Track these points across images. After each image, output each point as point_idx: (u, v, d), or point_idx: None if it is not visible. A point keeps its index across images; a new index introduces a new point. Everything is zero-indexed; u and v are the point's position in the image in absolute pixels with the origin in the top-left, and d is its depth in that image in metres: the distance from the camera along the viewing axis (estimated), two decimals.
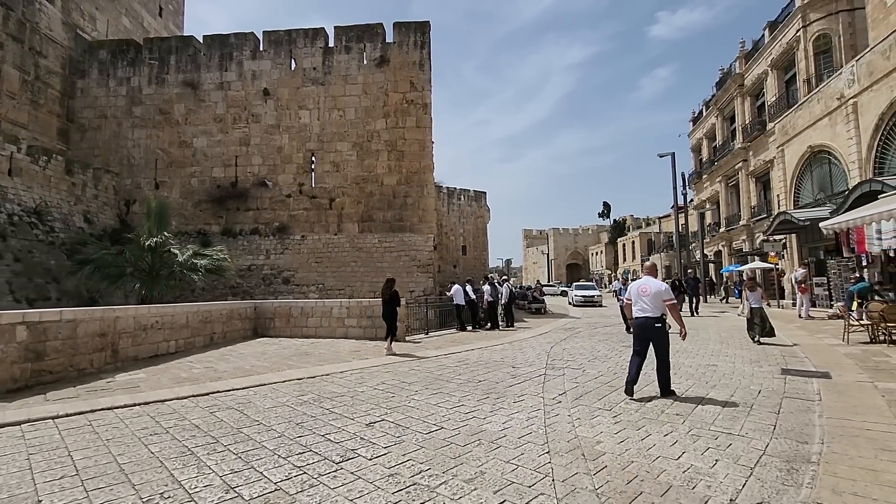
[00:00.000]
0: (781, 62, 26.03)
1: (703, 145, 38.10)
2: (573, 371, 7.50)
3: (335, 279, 20.50)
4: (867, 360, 7.87)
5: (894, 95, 12.54)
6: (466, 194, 69.24)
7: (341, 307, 11.69)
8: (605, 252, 71.47)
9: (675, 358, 8.36)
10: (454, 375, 7.13)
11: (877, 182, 11.59)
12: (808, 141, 17.01)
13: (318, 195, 21.60)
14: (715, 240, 35.71)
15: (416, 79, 21.87)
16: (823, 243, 16.42)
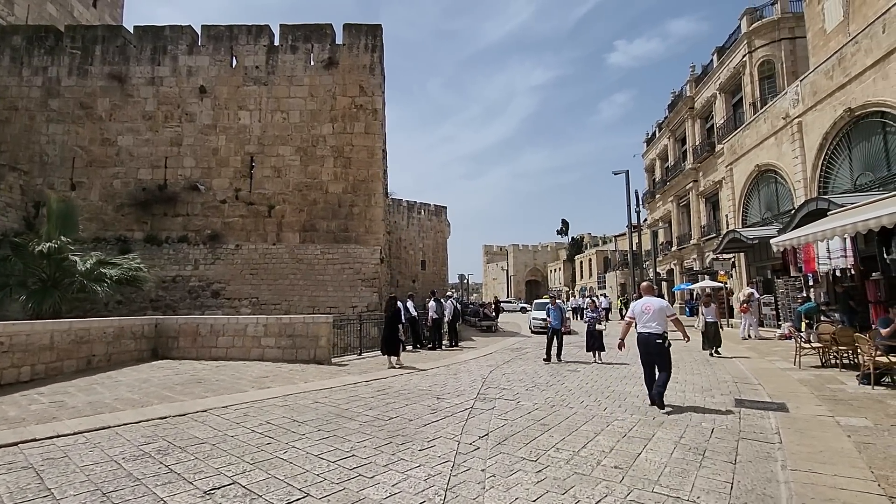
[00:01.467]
0: (729, 86, 26.72)
1: (656, 166, 38.87)
2: (506, 403, 6.46)
3: (271, 293, 18.86)
4: (822, 387, 7.25)
5: (837, 115, 12.53)
6: (426, 208, 68.47)
7: (257, 325, 10.26)
8: (563, 269, 72.10)
9: (623, 385, 7.50)
10: (363, 410, 5.94)
11: (823, 200, 11.37)
12: (756, 160, 17.07)
13: (256, 202, 20.01)
14: (667, 258, 36.19)
15: (366, 83, 20.84)
16: (771, 262, 16.35)
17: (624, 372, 9.14)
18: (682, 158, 33.10)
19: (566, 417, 5.66)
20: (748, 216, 18.45)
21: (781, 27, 23.39)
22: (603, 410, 6.04)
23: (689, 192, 31.03)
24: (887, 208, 6.76)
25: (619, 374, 8.82)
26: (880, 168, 11.52)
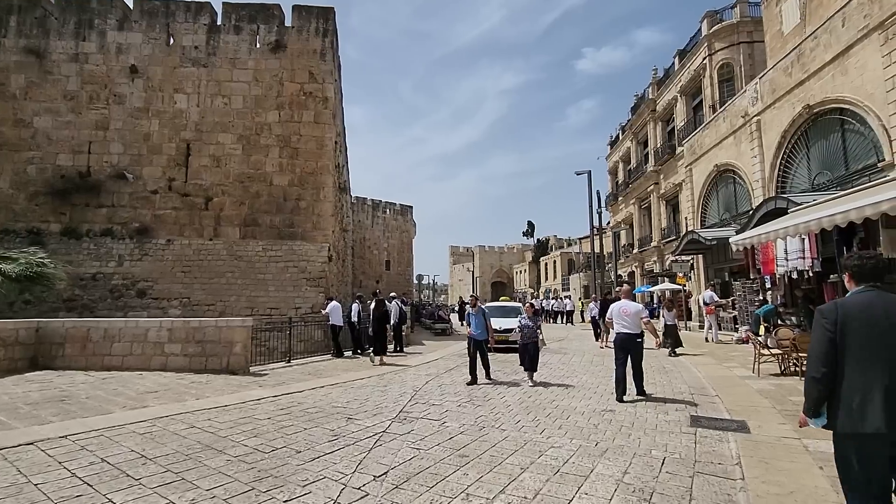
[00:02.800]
0: (689, 89, 26.74)
1: (619, 168, 38.95)
2: (428, 424, 5.42)
3: (205, 292, 17.25)
4: (784, 400, 6.55)
5: (796, 112, 12.18)
6: (392, 208, 67.12)
7: (160, 329, 8.86)
8: (528, 271, 72.10)
9: (569, 401, 6.59)
10: (245, 438, 4.77)
11: (782, 199, 10.91)
12: (715, 160, 16.76)
13: (191, 193, 18.32)
14: (629, 261, 36.21)
15: (316, 69, 19.48)
16: (729, 264, 16.03)
17: (573, 381, 8.27)
18: (644, 161, 33.13)
19: (493, 444, 4.66)
20: (707, 217, 18.16)
21: (740, 31, 23.48)
22: (539, 434, 5.08)
23: (651, 195, 31.02)
24: (851, 203, 6.11)
25: (566, 389, 7.92)
26: (838, 167, 11.18)
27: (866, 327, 2.34)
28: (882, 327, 2.31)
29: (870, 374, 2.27)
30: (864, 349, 2.32)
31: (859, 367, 2.31)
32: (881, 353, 2.28)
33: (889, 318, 2.31)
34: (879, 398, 2.21)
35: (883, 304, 2.36)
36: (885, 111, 9.44)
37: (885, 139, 9.52)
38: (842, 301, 2.51)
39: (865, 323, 2.35)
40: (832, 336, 2.39)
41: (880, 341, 2.29)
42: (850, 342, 2.35)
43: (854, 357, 2.33)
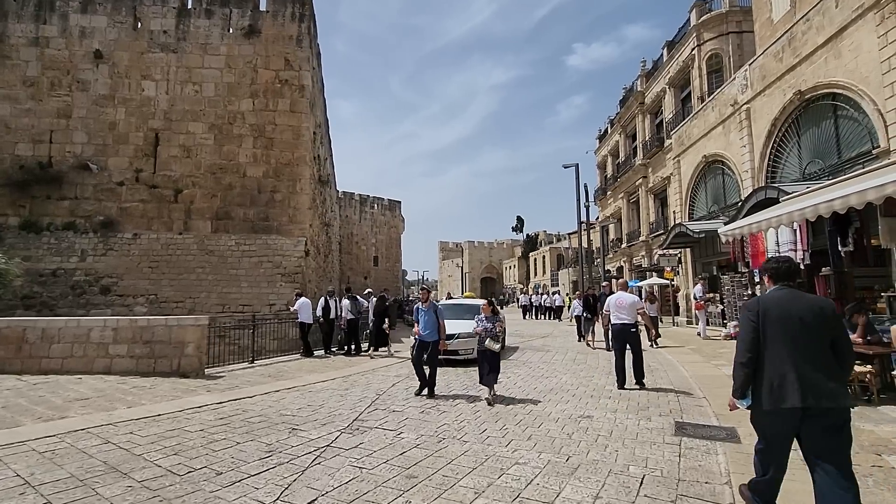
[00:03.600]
0: (678, 80, 26.25)
1: (608, 162, 38.50)
2: (381, 436, 4.80)
3: (173, 289, 16.43)
4: None
5: (787, 99, 11.69)
6: (380, 203, 66.35)
7: (105, 329, 8.12)
8: (517, 266, 71.74)
9: (543, 406, 6.00)
10: (161, 457, 4.12)
11: (773, 188, 10.42)
12: (703, 150, 16.29)
13: (160, 185, 17.47)
14: (617, 255, 35.85)
15: (292, 56, 18.67)
16: (717, 258, 15.59)
17: (550, 385, 7.70)
18: (632, 154, 32.68)
19: (449, 461, 4.06)
20: (695, 210, 17.71)
21: (729, 20, 22.98)
22: (505, 446, 4.48)
23: (639, 189, 30.60)
24: (850, 188, 5.58)
25: (546, 389, 7.35)
26: (830, 155, 10.70)
27: (780, 318, 2.74)
28: (791, 319, 2.73)
29: (781, 360, 2.67)
30: (778, 337, 2.72)
31: (776, 353, 2.70)
32: (789, 341, 2.69)
33: (795, 311, 2.74)
34: (793, 378, 2.61)
35: (791, 300, 2.82)
36: (880, 95, 8.96)
37: (880, 124, 9.05)
38: (761, 297, 3.00)
39: (779, 315, 2.75)
40: (756, 326, 2.79)
41: (789, 331, 2.71)
42: (768, 331, 2.75)
43: (771, 344, 2.73)
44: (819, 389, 2.59)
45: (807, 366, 2.63)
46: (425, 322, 6.95)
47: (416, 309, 7.17)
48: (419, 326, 6.96)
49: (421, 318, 7.00)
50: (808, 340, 2.69)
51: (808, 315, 2.72)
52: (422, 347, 6.88)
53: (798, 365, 2.64)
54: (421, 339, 6.92)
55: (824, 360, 2.67)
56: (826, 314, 2.75)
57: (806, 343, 2.68)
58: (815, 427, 2.62)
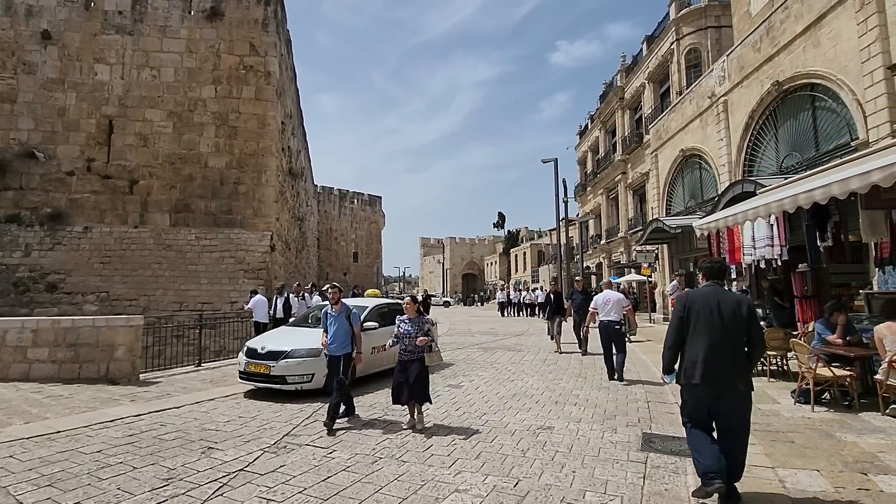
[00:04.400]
0: (657, 75, 26.04)
1: (588, 158, 38.31)
2: (310, 454, 4.18)
3: (127, 286, 15.47)
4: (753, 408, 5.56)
5: (764, 90, 11.35)
6: (360, 198, 65.37)
7: (23, 331, 7.29)
8: (499, 262, 71.51)
9: (502, 416, 5.44)
10: (32, 489, 3.46)
11: (750, 182, 10.06)
12: (681, 144, 15.96)
13: (114, 175, 16.44)
14: (596, 252, 35.73)
15: (257, 40, 17.76)
16: (694, 254, 15.28)
17: (513, 390, 7.16)
18: (612, 150, 32.48)
19: (378, 489, 3.47)
20: (672, 205, 17.42)
21: (708, 15, 22.79)
22: (448, 467, 3.91)
23: (619, 185, 30.41)
24: (831, 177, 5.13)
25: (508, 393, 6.80)
26: (808, 148, 10.38)
27: (702, 311, 3.20)
28: (711, 312, 3.17)
29: (698, 344, 3.16)
30: (697, 327, 3.20)
31: (693, 339, 3.20)
32: (705, 330, 3.16)
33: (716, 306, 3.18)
34: (700, 361, 3.12)
35: (715, 295, 3.26)
36: (859, 84, 8.62)
37: (858, 115, 8.72)
38: (691, 291, 3.62)
39: (701, 308, 3.21)
40: (682, 316, 3.29)
41: (707, 322, 3.17)
42: (692, 321, 3.22)
43: (693, 332, 3.21)
44: (720, 374, 3.11)
45: (717, 352, 3.12)
46: (335, 332, 5.33)
47: (325, 314, 5.51)
48: (326, 337, 5.40)
49: (329, 325, 5.40)
50: (722, 331, 3.16)
51: (726, 310, 3.19)
52: (332, 363, 5.38)
53: (709, 351, 3.13)
54: (329, 353, 5.39)
55: (733, 349, 3.15)
56: (742, 310, 3.20)
57: (720, 333, 3.15)
58: (719, 403, 3.15)
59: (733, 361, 3.15)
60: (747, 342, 3.20)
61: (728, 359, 3.13)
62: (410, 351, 5.11)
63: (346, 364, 5.32)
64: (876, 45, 8.21)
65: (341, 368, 5.25)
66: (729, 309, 3.19)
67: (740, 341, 3.18)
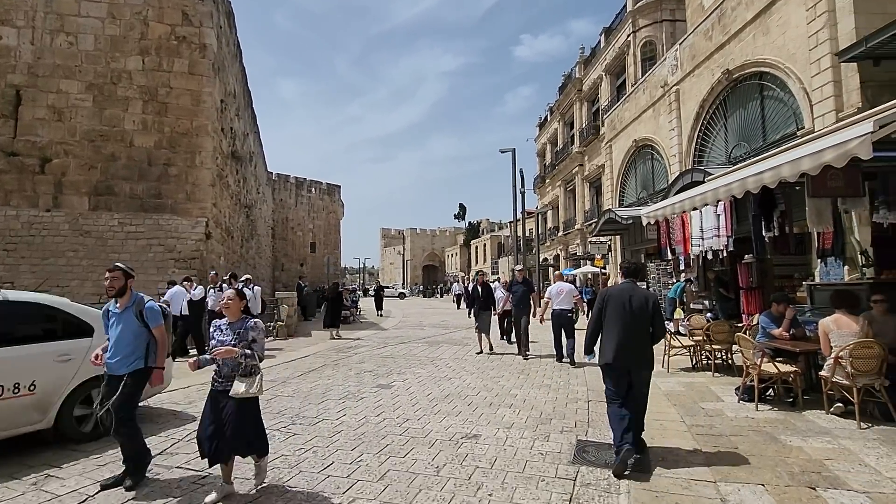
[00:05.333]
0: (614, 67, 26.07)
1: (547, 150, 38.34)
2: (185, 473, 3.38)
3: (36, 276, 13.86)
4: (695, 408, 5.21)
5: (715, 79, 11.19)
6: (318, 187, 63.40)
7: None
8: (459, 254, 71.28)
9: (426, 421, 4.83)
10: None
11: (699, 171, 9.88)
12: (634, 134, 15.81)
13: (22, 152, 14.65)
14: (554, 244, 35.90)
15: (191, 9, 16.25)
16: (645, 245, 15.21)
17: (447, 390, 6.56)
18: (570, 142, 32.50)
19: None
20: (625, 196, 17.34)
21: (663, 8, 22.87)
22: (344, 491, 3.23)
23: (576, 177, 30.49)
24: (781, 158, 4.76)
25: (440, 395, 6.21)
26: (756, 138, 10.28)
27: (616, 304, 3.89)
28: (623, 304, 3.85)
29: (612, 331, 3.86)
30: (612, 316, 3.89)
31: (609, 326, 3.90)
32: (618, 320, 3.84)
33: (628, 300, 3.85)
34: (613, 344, 3.82)
35: (629, 292, 3.92)
36: (806, 72, 8.48)
37: (805, 104, 8.59)
38: (609, 287, 4.64)
39: (616, 301, 3.90)
40: (601, 307, 3.99)
41: (620, 313, 3.85)
42: (608, 312, 3.93)
43: (608, 321, 3.92)
44: (628, 355, 3.75)
45: (625, 338, 3.74)
46: (117, 337, 3.60)
47: (105, 312, 3.84)
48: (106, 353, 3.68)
49: (110, 328, 3.70)
50: (631, 320, 3.76)
51: (636, 303, 3.79)
52: (109, 389, 3.55)
53: (619, 336, 3.76)
54: (108, 370, 3.60)
55: (639, 336, 3.78)
56: (648, 304, 3.81)
57: (629, 322, 3.76)
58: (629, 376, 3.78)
59: (640, 345, 3.81)
60: (651, 330, 3.85)
61: (635, 343, 3.79)
62: (227, 377, 3.27)
63: (127, 388, 3.48)
64: (824, 32, 8.04)
65: (118, 394, 3.44)
66: (638, 303, 3.82)
67: (646, 329, 3.83)
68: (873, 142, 3.61)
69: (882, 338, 4.47)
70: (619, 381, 3.83)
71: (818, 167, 4.06)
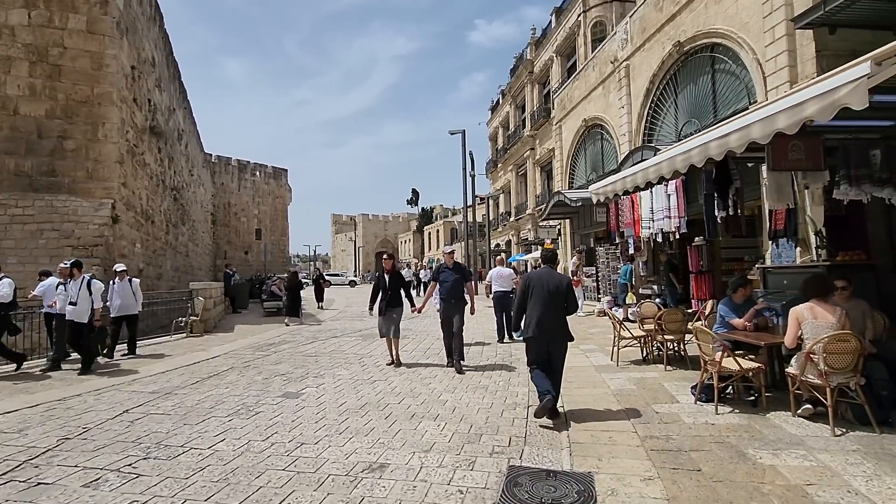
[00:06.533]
0: (565, 48, 25.53)
1: (499, 134, 37.68)
2: None
3: None
4: (648, 412, 4.49)
5: (665, 52, 10.65)
6: (263, 170, 60.18)
7: None
8: (413, 240, 70.15)
9: (326, 443, 3.76)
10: None
11: (649, 148, 9.31)
12: (584, 114, 15.24)
13: None
14: (506, 229, 35.52)
15: None
16: (594, 229, 14.76)
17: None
18: (521, 126, 31.94)
19: None
20: (575, 178, 16.83)
21: None
22: None
23: (527, 161, 30.00)
24: (735, 124, 4.02)
25: (359, 400, 5.20)
26: (706, 114, 9.82)
27: (536, 286, 4.53)
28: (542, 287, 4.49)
29: (534, 310, 4.49)
30: (534, 297, 4.52)
31: (532, 306, 4.53)
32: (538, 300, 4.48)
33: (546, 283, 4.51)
34: (535, 321, 4.47)
35: (547, 275, 4.60)
36: (760, 41, 7.99)
37: (758, 76, 8.12)
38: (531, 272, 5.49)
39: (536, 284, 4.54)
40: (525, 290, 4.61)
41: (540, 294, 4.48)
42: (530, 294, 4.55)
43: (531, 301, 4.54)
44: (548, 328, 4.46)
45: (545, 314, 4.46)
46: None
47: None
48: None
49: None
50: (548, 300, 4.47)
51: (552, 286, 4.50)
52: None
53: (540, 314, 4.47)
54: None
55: (556, 313, 4.48)
56: (562, 286, 4.53)
57: (547, 302, 4.47)
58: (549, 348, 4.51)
59: (557, 321, 4.44)
60: (565, 307, 4.49)
61: (553, 319, 4.42)
62: None
63: None
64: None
65: None
66: (554, 285, 4.46)
67: (562, 306, 4.46)
68: None
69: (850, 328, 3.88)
70: (541, 351, 4.49)
71: (797, 123, 3.32)
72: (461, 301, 6.85)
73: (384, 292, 7.13)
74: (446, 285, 6.90)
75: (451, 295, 6.84)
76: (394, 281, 7.23)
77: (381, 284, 7.25)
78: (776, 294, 6.38)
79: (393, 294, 7.15)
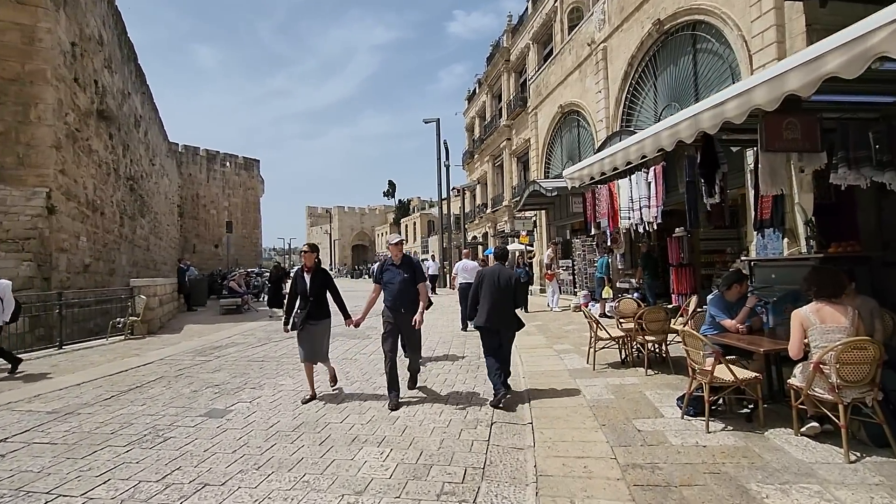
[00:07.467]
0: (541, 35, 24.81)
1: (476, 124, 36.91)
2: None
3: None
4: (628, 431, 3.85)
5: (645, 32, 10.06)
6: (234, 161, 58.22)
7: None
8: (389, 233, 68.93)
9: (233, 486, 2.95)
10: None
11: (627, 132, 8.74)
12: (560, 100, 14.62)
13: None
14: (483, 221, 34.90)
15: None
16: (570, 220, 14.21)
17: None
18: (498, 115, 31.23)
19: None
20: (551, 167, 16.24)
21: None
22: None
23: (504, 151, 29.35)
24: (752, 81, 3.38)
25: (287, 425, 4.42)
26: (687, 97, 9.27)
27: (488, 281, 4.93)
28: (493, 281, 4.91)
29: (486, 302, 4.89)
30: (486, 290, 4.92)
31: (484, 298, 4.92)
32: (489, 293, 4.90)
33: (497, 278, 4.91)
34: (485, 311, 4.88)
35: (498, 271, 4.99)
36: (746, 17, 7.44)
37: (743, 54, 7.57)
38: (484, 268, 5.48)
39: (488, 279, 4.94)
40: (478, 284, 5.01)
41: (490, 288, 4.90)
42: (483, 287, 4.95)
43: (483, 294, 4.93)
44: (497, 318, 4.86)
45: (495, 305, 4.85)
46: None
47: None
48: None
49: None
50: (499, 293, 4.86)
51: (502, 281, 4.89)
52: None
53: (491, 305, 4.86)
54: None
55: (505, 304, 4.89)
56: (511, 281, 4.94)
57: (497, 295, 4.86)
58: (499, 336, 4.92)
59: (506, 311, 4.94)
60: (514, 300, 5.02)
61: (503, 309, 4.90)
62: None
63: None
64: None
65: None
66: (504, 280, 4.91)
67: (511, 299, 4.96)
68: None
69: None
70: (492, 338, 4.89)
71: (815, 81, 2.67)
72: (413, 305, 4.93)
73: (303, 299, 5.12)
74: (392, 287, 4.96)
75: (399, 301, 4.92)
76: (317, 283, 5.15)
77: (298, 288, 5.18)
78: (764, 289, 5.85)
79: (316, 301, 5.10)
